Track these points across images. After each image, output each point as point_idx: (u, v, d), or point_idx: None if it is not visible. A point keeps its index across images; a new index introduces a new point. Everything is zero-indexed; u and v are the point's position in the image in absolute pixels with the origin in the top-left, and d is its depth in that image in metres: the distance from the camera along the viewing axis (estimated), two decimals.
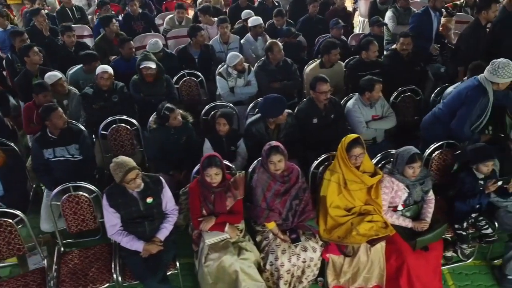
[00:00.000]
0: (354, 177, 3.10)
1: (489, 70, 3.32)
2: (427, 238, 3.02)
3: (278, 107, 3.48)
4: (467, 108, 3.39)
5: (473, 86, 3.44)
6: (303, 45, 5.60)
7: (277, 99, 3.52)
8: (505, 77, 3.26)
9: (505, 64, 3.26)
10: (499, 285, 3.36)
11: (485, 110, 3.42)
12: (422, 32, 4.93)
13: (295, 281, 3.13)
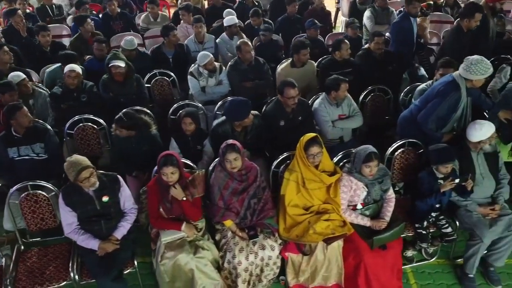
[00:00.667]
0: (312, 176, 3.11)
1: (463, 67, 3.32)
2: (384, 237, 3.03)
3: (243, 111, 3.48)
4: (436, 101, 3.40)
5: (446, 81, 3.45)
6: (280, 45, 5.60)
7: (242, 102, 3.52)
8: (478, 74, 3.26)
9: (478, 60, 3.27)
10: (460, 283, 3.37)
11: (455, 107, 3.40)
12: (405, 39, 4.79)
13: (255, 279, 3.14)
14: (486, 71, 3.24)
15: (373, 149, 3.02)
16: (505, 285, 3.37)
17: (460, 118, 3.51)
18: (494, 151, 3.30)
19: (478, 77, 3.26)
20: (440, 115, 3.40)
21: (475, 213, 3.24)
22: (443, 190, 3.09)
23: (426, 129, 3.45)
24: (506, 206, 3.32)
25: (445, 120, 3.48)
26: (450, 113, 3.41)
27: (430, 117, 3.40)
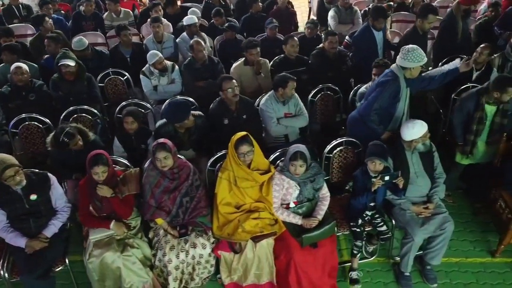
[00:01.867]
0: (245, 175, 3.13)
1: (399, 56, 3.36)
2: (314, 235, 3.04)
3: (182, 113, 3.48)
4: (376, 93, 3.42)
5: (385, 73, 3.49)
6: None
7: (180, 104, 3.54)
8: (415, 61, 3.29)
9: (413, 48, 3.31)
10: (397, 282, 3.38)
11: (396, 97, 3.42)
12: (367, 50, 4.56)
13: (187, 277, 3.16)
14: (422, 58, 3.29)
15: (302, 148, 3.03)
16: (442, 283, 3.39)
17: (402, 116, 3.54)
18: (429, 150, 3.30)
19: (414, 65, 3.30)
20: (382, 105, 3.41)
21: (408, 212, 3.25)
22: (373, 188, 3.11)
23: (368, 121, 3.46)
24: (441, 205, 3.33)
25: (390, 112, 3.49)
26: (393, 103, 3.43)
27: (371, 108, 3.41)
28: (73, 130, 3.31)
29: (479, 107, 3.67)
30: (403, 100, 3.45)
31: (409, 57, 3.27)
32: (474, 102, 3.71)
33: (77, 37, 4.79)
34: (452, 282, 3.40)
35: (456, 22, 4.77)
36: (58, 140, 3.25)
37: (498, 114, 3.72)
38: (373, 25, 4.56)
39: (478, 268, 3.51)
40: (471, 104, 3.74)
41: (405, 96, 3.46)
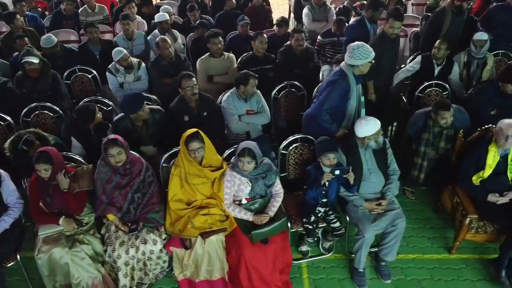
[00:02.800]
0: (196, 171, 3.13)
1: (347, 54, 3.37)
2: (263, 231, 3.05)
3: (135, 104, 3.49)
4: (326, 93, 3.44)
5: (334, 72, 3.51)
6: None
7: (134, 96, 3.55)
8: (362, 58, 3.30)
9: (359, 45, 3.32)
10: (352, 278, 3.40)
11: (346, 95, 3.43)
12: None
13: (139, 273, 3.17)
14: (369, 54, 3.30)
15: (250, 145, 3.04)
16: (397, 280, 3.40)
17: (355, 113, 3.55)
18: (382, 148, 3.31)
19: (362, 61, 3.31)
20: (333, 105, 3.42)
21: (361, 208, 3.27)
22: (322, 182, 3.12)
23: (321, 121, 3.48)
24: (395, 202, 3.34)
25: (342, 110, 3.51)
26: (343, 102, 3.44)
27: (322, 107, 3.42)
28: (31, 137, 3.27)
29: (426, 128, 3.69)
30: (354, 98, 3.46)
31: (356, 55, 3.28)
32: (422, 122, 3.73)
33: (46, 35, 4.79)
34: (406, 278, 3.42)
35: (444, 17, 4.79)
36: (16, 148, 3.22)
37: (443, 139, 3.70)
38: (371, 18, 4.52)
39: (434, 265, 3.53)
40: (419, 123, 3.77)
41: (356, 93, 3.46)
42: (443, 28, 4.77)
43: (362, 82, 3.66)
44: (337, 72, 3.43)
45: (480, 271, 3.46)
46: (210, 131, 3.83)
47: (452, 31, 4.79)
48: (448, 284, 3.37)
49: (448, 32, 4.79)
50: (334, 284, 3.39)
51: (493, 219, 3.37)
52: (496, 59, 4.83)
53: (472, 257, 3.58)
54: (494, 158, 3.30)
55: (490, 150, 3.30)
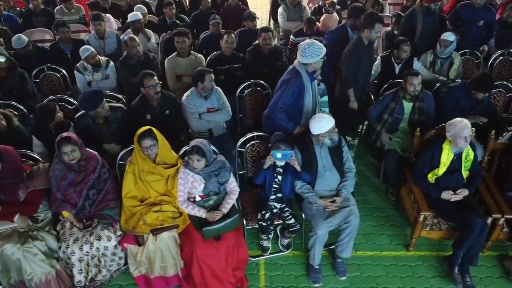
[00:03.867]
0: (150, 168, 3.16)
1: (298, 53, 3.41)
2: (215, 228, 3.07)
3: (93, 101, 3.53)
4: (280, 92, 3.47)
5: (288, 71, 3.55)
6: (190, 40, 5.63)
7: (93, 93, 3.58)
8: (313, 56, 3.34)
9: (309, 43, 3.36)
10: (308, 274, 3.43)
11: (300, 93, 3.47)
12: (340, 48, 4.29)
13: (94, 270, 3.20)
14: (319, 52, 3.34)
15: (200, 143, 3.06)
16: (352, 276, 3.43)
17: (313, 110, 3.59)
18: (337, 145, 3.34)
19: (313, 59, 3.34)
20: (287, 102, 3.45)
21: (315, 205, 3.30)
22: (265, 166, 3.20)
23: (276, 120, 3.51)
24: (350, 199, 3.37)
25: (298, 108, 3.53)
26: (298, 100, 3.47)
27: (277, 106, 3.46)
28: None
29: (395, 99, 3.93)
30: (310, 95, 3.49)
31: (307, 53, 3.31)
32: (392, 95, 3.97)
33: (16, 35, 4.81)
34: (362, 275, 3.45)
35: (415, 18, 4.84)
36: None
37: (415, 112, 3.92)
38: (353, 25, 4.48)
39: (391, 261, 3.56)
40: (389, 97, 3.98)
41: (312, 91, 3.49)
42: (417, 29, 4.80)
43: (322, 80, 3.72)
44: (291, 70, 3.47)
45: (435, 267, 3.50)
46: (173, 130, 3.90)
47: (425, 31, 4.83)
48: (403, 281, 3.40)
49: (422, 33, 4.82)
50: (290, 280, 3.42)
51: (447, 216, 3.41)
52: (463, 58, 4.88)
53: (430, 254, 3.62)
54: (448, 156, 3.34)
55: (444, 148, 3.34)
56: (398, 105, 3.94)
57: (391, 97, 3.99)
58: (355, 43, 4.09)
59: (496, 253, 3.60)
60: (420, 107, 3.91)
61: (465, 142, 3.22)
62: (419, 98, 3.91)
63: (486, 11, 4.92)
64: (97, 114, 3.60)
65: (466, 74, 4.94)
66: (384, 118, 4.01)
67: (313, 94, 3.52)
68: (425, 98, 3.96)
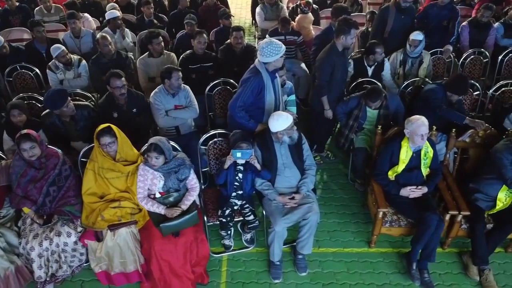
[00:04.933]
0: (110, 165, 3.20)
1: (258, 53, 3.45)
2: (172, 224, 3.10)
3: (58, 101, 3.56)
4: (240, 91, 3.52)
5: (249, 69, 3.59)
6: (166, 40, 5.68)
7: (57, 92, 3.61)
8: (273, 55, 3.36)
9: (267, 43, 3.38)
10: (269, 270, 3.47)
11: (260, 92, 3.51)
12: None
13: (55, 265, 3.23)
14: (279, 50, 3.36)
15: (158, 140, 3.09)
16: (313, 272, 3.47)
17: (276, 108, 3.62)
18: (297, 143, 3.38)
19: (272, 58, 3.37)
20: (246, 101, 3.49)
21: (274, 202, 3.34)
22: (225, 166, 3.25)
23: (236, 118, 3.54)
24: (310, 196, 3.41)
25: (259, 106, 3.57)
26: (258, 98, 3.51)
27: (236, 104, 3.50)
28: None
29: (359, 106, 3.97)
30: (271, 94, 3.53)
31: (267, 52, 3.35)
32: (356, 101, 4.00)
33: None
34: (323, 271, 3.49)
35: (388, 14, 4.88)
36: None
37: (381, 118, 3.99)
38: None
39: (353, 258, 3.60)
40: (353, 102, 4.02)
41: (273, 88, 3.53)
42: (387, 25, 4.85)
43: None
44: (251, 69, 3.51)
45: (396, 264, 3.54)
46: (141, 127, 3.94)
47: (396, 28, 4.87)
48: (362, 277, 3.44)
49: (392, 29, 4.86)
50: (251, 276, 3.45)
51: (406, 213, 3.45)
52: (434, 57, 4.92)
53: (391, 251, 3.66)
54: (407, 154, 3.38)
55: (403, 145, 3.38)
56: (362, 112, 3.96)
57: (355, 102, 3.98)
58: (329, 50, 4.00)
59: (457, 250, 3.64)
60: (385, 114, 3.93)
61: (422, 140, 3.26)
62: (383, 106, 3.92)
63: (450, 11, 4.94)
64: (62, 113, 3.63)
65: (438, 73, 4.98)
66: (350, 124, 4.03)
67: (275, 92, 3.55)
68: (390, 104, 3.94)
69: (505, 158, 3.24)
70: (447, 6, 4.88)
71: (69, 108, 3.62)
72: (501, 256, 3.60)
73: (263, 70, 3.43)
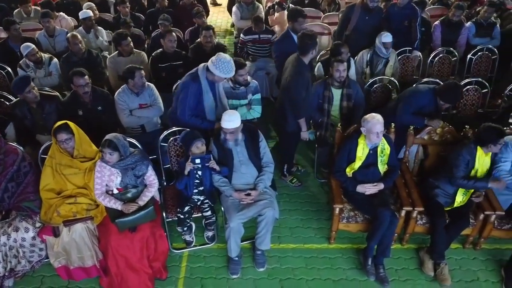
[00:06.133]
0: (68, 162, 3.24)
1: (212, 59, 3.49)
2: (127, 220, 3.15)
3: (19, 85, 3.68)
4: (182, 97, 3.61)
5: (189, 73, 3.68)
6: (142, 39, 5.74)
7: (20, 78, 3.76)
8: (221, 71, 3.44)
9: (228, 60, 3.45)
10: (227, 266, 3.52)
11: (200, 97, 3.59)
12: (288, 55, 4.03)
13: (15, 261, 3.27)
14: (228, 72, 3.47)
15: (112, 137, 3.14)
16: (272, 268, 3.52)
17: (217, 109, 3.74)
18: (254, 140, 3.43)
19: (221, 75, 3.48)
20: (191, 105, 3.58)
21: (231, 198, 3.38)
22: (186, 171, 3.28)
23: (189, 122, 3.61)
24: (268, 192, 3.46)
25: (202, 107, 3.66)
26: (199, 102, 3.61)
27: (185, 113, 3.60)
28: None
29: (327, 86, 4.06)
30: (209, 98, 3.64)
31: (219, 65, 3.43)
32: (322, 85, 4.09)
33: None
34: (281, 266, 3.54)
35: (352, 12, 4.93)
36: None
37: (344, 98, 4.06)
38: (292, 28, 4.45)
39: (312, 254, 3.65)
40: (320, 88, 4.09)
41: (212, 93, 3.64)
42: (350, 23, 4.88)
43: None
44: (191, 73, 3.62)
45: (354, 260, 3.58)
46: (107, 125, 3.98)
47: (359, 28, 4.91)
48: (320, 272, 3.49)
49: (355, 28, 4.91)
50: (210, 272, 3.50)
51: (362, 209, 3.50)
52: (403, 56, 4.96)
53: (350, 247, 3.70)
54: (364, 151, 3.42)
55: (360, 142, 3.42)
56: (330, 92, 4.06)
57: (322, 87, 4.08)
58: (298, 65, 3.74)
59: (415, 246, 3.69)
60: (348, 94, 4.04)
61: (377, 138, 3.31)
62: (346, 84, 4.04)
63: (411, 10, 4.98)
64: (27, 99, 3.72)
65: (407, 72, 5.03)
66: (326, 108, 4.06)
67: (215, 97, 3.67)
68: (351, 85, 4.09)
69: (462, 158, 3.29)
70: (407, 6, 4.92)
71: (32, 93, 3.72)
72: (459, 252, 3.65)
73: (203, 76, 3.53)
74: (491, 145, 3.20)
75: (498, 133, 3.18)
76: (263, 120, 4.70)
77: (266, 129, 4.77)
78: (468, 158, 3.29)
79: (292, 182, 4.35)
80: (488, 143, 3.21)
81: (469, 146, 3.31)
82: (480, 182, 3.27)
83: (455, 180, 3.29)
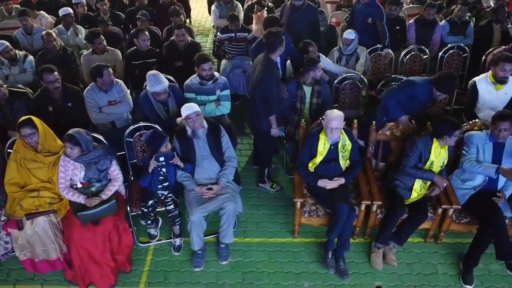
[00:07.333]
0: (32, 156, 3.30)
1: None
2: (89, 213, 3.20)
3: None
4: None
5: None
6: (121, 37, 5.79)
7: None
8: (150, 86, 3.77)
9: (149, 74, 3.77)
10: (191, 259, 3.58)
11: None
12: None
13: None
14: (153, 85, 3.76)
15: (73, 132, 3.18)
16: (235, 261, 3.59)
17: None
18: (215, 135, 3.50)
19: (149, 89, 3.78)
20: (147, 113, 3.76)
21: (193, 192, 3.45)
22: (150, 169, 3.33)
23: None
24: (230, 186, 3.52)
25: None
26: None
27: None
28: None
29: (299, 86, 4.09)
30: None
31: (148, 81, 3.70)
32: (295, 84, 4.11)
33: None
34: (245, 260, 3.60)
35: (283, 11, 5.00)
36: None
37: (314, 95, 4.10)
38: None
39: (276, 248, 3.71)
40: (293, 86, 4.11)
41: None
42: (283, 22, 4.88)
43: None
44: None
45: (316, 253, 3.65)
46: (77, 121, 4.03)
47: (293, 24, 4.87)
48: (282, 265, 3.55)
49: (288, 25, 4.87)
50: (174, 265, 3.56)
51: (323, 204, 3.56)
52: (375, 54, 5.02)
53: (314, 241, 3.77)
54: (325, 146, 3.48)
55: (321, 138, 3.48)
56: (303, 91, 4.09)
57: (294, 86, 4.09)
58: (267, 63, 3.73)
59: None
60: (318, 90, 4.08)
61: (331, 133, 3.37)
62: (316, 81, 4.08)
63: (374, 9, 5.02)
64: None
65: (379, 70, 5.09)
66: (299, 107, 4.11)
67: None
68: (321, 81, 4.14)
69: (416, 148, 3.35)
70: (370, 4, 4.98)
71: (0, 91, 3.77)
72: (420, 246, 3.71)
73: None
74: (446, 136, 3.26)
75: (453, 125, 3.25)
76: (240, 117, 4.78)
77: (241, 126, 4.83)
78: (421, 149, 3.35)
79: (272, 187, 4.33)
80: (443, 134, 3.27)
81: (425, 138, 3.38)
82: (428, 173, 3.35)
83: (404, 167, 3.36)
